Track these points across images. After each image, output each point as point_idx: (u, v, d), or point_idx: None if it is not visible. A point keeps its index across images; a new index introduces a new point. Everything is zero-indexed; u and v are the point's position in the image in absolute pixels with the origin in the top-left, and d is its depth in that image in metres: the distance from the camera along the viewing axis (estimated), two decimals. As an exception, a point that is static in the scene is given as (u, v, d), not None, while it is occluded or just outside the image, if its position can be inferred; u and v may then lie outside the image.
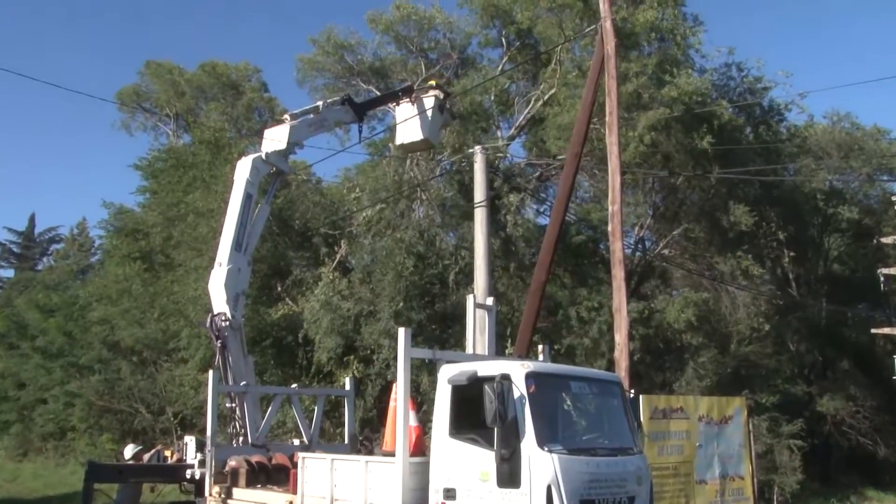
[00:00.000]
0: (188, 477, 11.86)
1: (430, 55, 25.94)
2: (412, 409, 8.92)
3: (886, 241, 23.68)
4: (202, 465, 11.49)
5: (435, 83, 16.23)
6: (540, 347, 12.05)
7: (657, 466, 11.83)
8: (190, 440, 12.44)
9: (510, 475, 7.68)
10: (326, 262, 22.45)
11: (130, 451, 14.35)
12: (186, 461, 12.11)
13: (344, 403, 14.23)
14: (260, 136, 15.30)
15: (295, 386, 16.17)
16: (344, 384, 14.68)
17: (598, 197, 23.61)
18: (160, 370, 26.00)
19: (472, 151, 16.94)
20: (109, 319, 27.78)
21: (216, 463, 11.34)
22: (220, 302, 12.86)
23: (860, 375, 27.27)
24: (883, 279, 22.94)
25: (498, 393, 7.62)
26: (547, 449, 7.67)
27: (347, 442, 13.63)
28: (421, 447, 8.81)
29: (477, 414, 7.78)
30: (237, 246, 13.21)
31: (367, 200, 22.16)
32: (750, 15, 79.40)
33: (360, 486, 9.07)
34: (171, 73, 38.65)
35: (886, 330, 23.94)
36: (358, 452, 12.17)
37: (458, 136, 21.66)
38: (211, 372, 12.06)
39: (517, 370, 8.09)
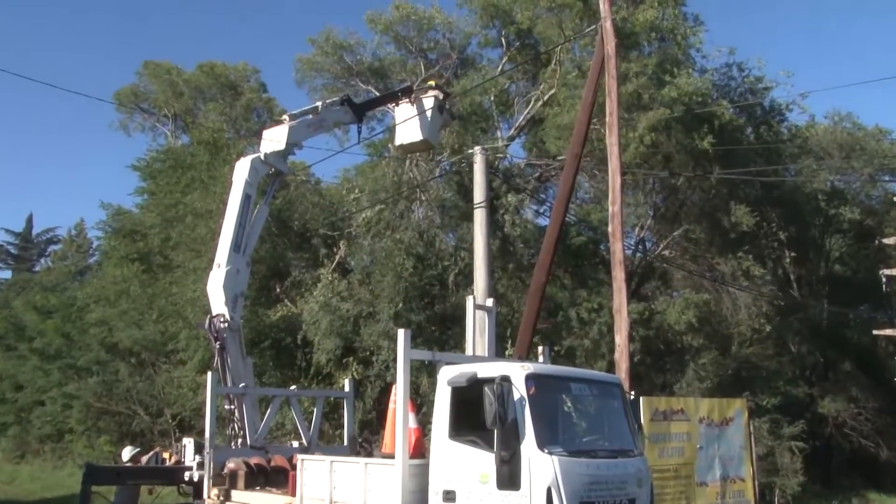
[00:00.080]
0: (186, 479, 11.79)
1: (429, 55, 25.90)
2: (412, 410, 8.90)
3: (888, 241, 23.54)
4: (201, 467, 11.43)
5: (434, 83, 16.23)
6: (540, 349, 12.07)
7: (658, 468, 11.82)
8: (188, 442, 12.38)
9: (510, 477, 7.66)
10: (325, 263, 22.41)
11: (128, 453, 14.37)
12: (185, 463, 12.06)
13: (343, 405, 14.19)
14: (259, 136, 15.28)
15: (294, 387, 16.07)
16: (343, 386, 14.68)
17: (598, 198, 23.55)
18: (158, 372, 25.95)
19: (471, 152, 16.91)
20: (107, 321, 27.73)
21: (215, 465, 11.28)
22: (218, 303, 12.83)
23: (862, 377, 27.18)
24: (885, 280, 22.79)
25: (498, 395, 7.61)
26: (547, 451, 7.66)
27: (347, 444, 13.57)
28: (420, 449, 8.79)
29: (477, 416, 7.77)
30: (236, 247, 13.18)
31: (366, 201, 22.11)
32: (751, 15, 79.63)
33: (359, 488, 9.04)
34: (169, 73, 38.55)
35: (888, 331, 23.80)
36: (357, 454, 12.09)
37: (457, 136, 21.62)
38: (209, 373, 12.01)
39: (517, 372, 8.07)
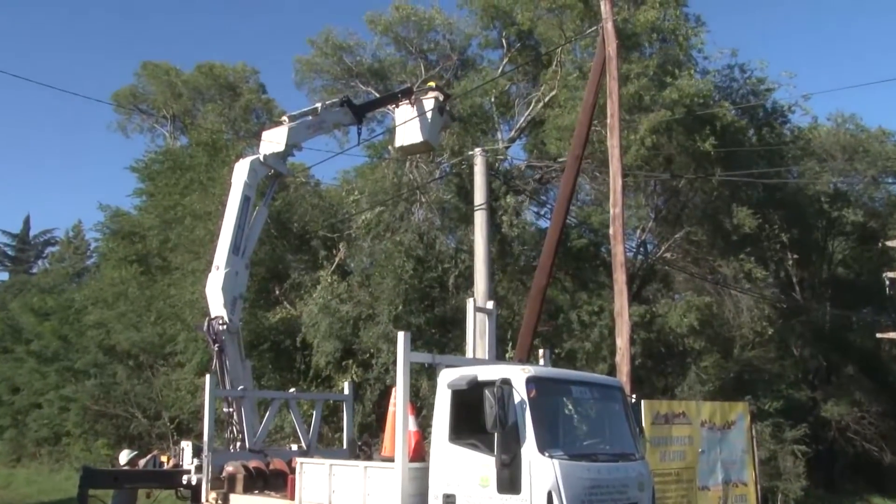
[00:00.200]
0: (184, 483, 11.75)
1: (429, 56, 25.82)
2: (411, 413, 8.88)
3: (892, 244, 23.43)
4: (199, 470, 11.39)
5: (434, 85, 16.25)
6: (541, 352, 12.04)
7: (659, 472, 11.78)
8: (186, 445, 12.33)
9: (510, 481, 7.64)
10: (325, 265, 22.34)
11: (126, 456, 14.40)
12: (183, 466, 12.00)
13: (342, 408, 14.13)
14: (258, 138, 15.28)
15: (293, 390, 16.06)
16: (342, 388, 14.63)
17: (599, 200, 23.49)
18: (156, 374, 25.94)
19: (471, 154, 16.86)
20: (105, 323, 27.71)
21: (213, 468, 11.22)
22: (217, 305, 12.78)
23: (865, 380, 27.13)
24: (888, 283, 22.70)
25: (498, 398, 7.58)
26: (548, 454, 7.63)
27: (346, 447, 13.53)
28: (420, 452, 8.76)
29: (477, 419, 7.74)
30: (235, 249, 13.15)
31: (366, 203, 22.06)
32: (753, 16, 79.59)
33: (358, 491, 9.02)
34: (167, 74, 38.48)
35: (892, 334, 23.73)
36: (357, 458, 12.11)
37: (457, 138, 21.55)
38: (208, 376, 11.95)
39: (518, 375, 8.04)
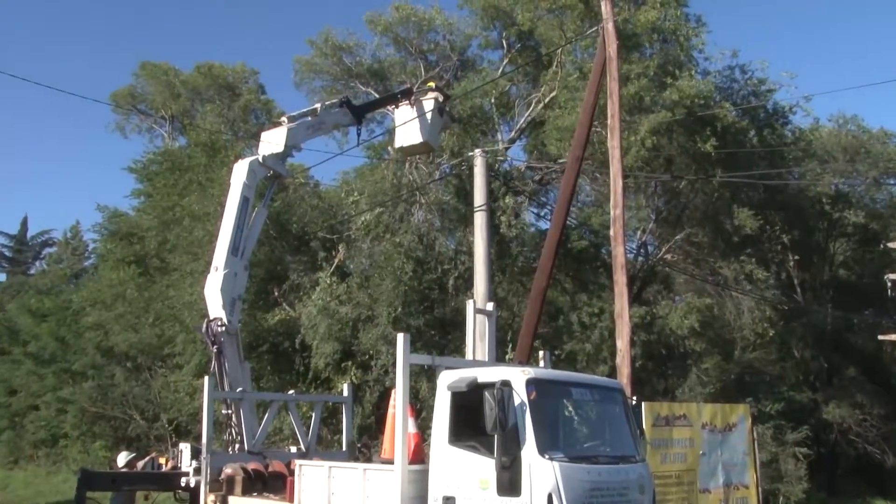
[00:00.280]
0: (183, 485, 11.75)
1: (429, 57, 25.80)
2: (411, 415, 8.86)
3: (893, 245, 23.38)
4: (197, 472, 11.38)
5: (434, 85, 16.25)
6: (541, 353, 12.02)
7: (660, 475, 11.71)
8: (185, 447, 12.32)
9: (510, 483, 7.62)
10: (324, 266, 22.28)
11: (124, 458, 14.40)
12: (181, 469, 11.99)
13: (342, 410, 14.11)
14: (257, 138, 15.30)
15: (292, 392, 16.05)
16: (342, 390, 14.58)
17: (599, 201, 23.47)
18: (155, 376, 25.89)
19: (471, 155, 16.82)
20: (103, 324, 27.69)
21: (212, 470, 11.21)
22: (216, 307, 12.79)
23: (867, 383, 27.09)
24: (890, 284, 22.61)
25: (498, 399, 7.56)
26: (548, 457, 7.61)
27: (345, 449, 13.51)
28: (420, 455, 8.73)
29: (477, 421, 7.72)
30: (234, 250, 13.17)
31: (365, 204, 22.01)
32: (754, 16, 79.52)
33: (357, 494, 9.00)
34: (166, 74, 38.41)
35: (894, 336, 23.60)
36: (356, 460, 12.11)
37: (457, 139, 21.52)
38: (206, 378, 11.93)
39: (518, 376, 8.02)
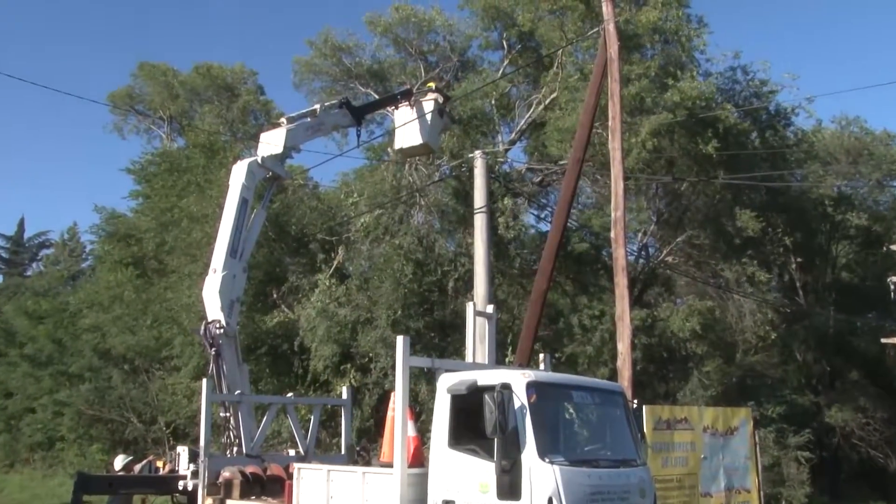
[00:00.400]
0: (180, 488, 11.70)
1: (429, 58, 25.81)
2: (410, 418, 8.82)
3: (896, 248, 23.40)
4: (195, 476, 11.33)
5: (434, 86, 16.19)
6: (541, 356, 12.01)
7: (661, 478, 11.71)
8: (182, 450, 12.32)
9: (510, 487, 7.58)
10: (323, 268, 22.23)
11: (121, 461, 14.32)
12: (179, 472, 11.98)
13: (340, 413, 14.03)
14: (256, 139, 15.24)
15: (291, 395, 15.99)
16: (341, 393, 14.51)
17: (600, 203, 23.43)
18: (152, 378, 25.85)
19: (472, 156, 16.76)
20: (100, 326, 27.65)
21: (209, 474, 11.13)
22: (214, 309, 12.71)
23: (870, 386, 27.05)
24: (893, 287, 22.58)
25: (498, 403, 7.52)
26: (548, 460, 7.58)
27: (344, 452, 13.41)
28: (419, 458, 8.69)
29: (477, 424, 7.68)
30: (232, 252, 13.09)
31: (364, 206, 21.96)
32: (755, 17, 79.47)
33: (357, 497, 8.96)
34: (165, 74, 38.41)
35: (897, 339, 23.59)
36: (355, 463, 12.04)
37: (457, 140, 21.47)
38: (204, 380, 11.84)
39: (518, 379, 7.98)
